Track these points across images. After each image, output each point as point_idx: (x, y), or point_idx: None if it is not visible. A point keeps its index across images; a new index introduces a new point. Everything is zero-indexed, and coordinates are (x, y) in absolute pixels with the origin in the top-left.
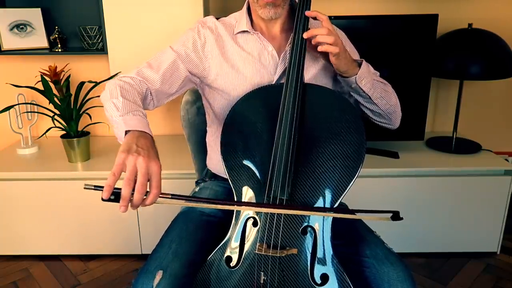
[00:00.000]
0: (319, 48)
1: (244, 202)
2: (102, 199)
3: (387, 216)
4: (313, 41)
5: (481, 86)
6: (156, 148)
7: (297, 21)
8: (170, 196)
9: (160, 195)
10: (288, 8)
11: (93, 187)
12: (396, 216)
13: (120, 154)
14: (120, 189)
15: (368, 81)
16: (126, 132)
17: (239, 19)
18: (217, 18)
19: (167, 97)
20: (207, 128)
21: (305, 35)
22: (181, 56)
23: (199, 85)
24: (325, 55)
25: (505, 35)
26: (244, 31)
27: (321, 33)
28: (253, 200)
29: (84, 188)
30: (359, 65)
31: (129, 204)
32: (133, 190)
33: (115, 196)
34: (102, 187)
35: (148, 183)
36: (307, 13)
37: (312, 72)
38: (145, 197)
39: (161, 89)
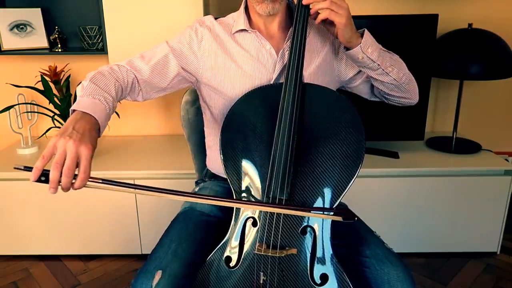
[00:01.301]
0: (318, 18)
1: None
2: (32, 181)
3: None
4: (312, 10)
5: (481, 86)
6: (97, 133)
7: (296, 16)
8: (100, 181)
9: (90, 180)
10: (286, 7)
11: (22, 168)
12: (348, 216)
13: (54, 137)
14: (49, 170)
15: (374, 49)
16: (73, 112)
17: (236, 18)
18: (216, 18)
19: (158, 90)
20: (205, 129)
21: (304, 1)
22: (175, 51)
23: (196, 85)
24: (329, 26)
25: (505, 35)
26: (242, 30)
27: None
28: (252, 200)
29: (14, 168)
30: (362, 35)
31: (60, 187)
32: None
33: (46, 178)
34: (32, 168)
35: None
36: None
37: (311, 68)
38: (74, 181)
39: (150, 80)
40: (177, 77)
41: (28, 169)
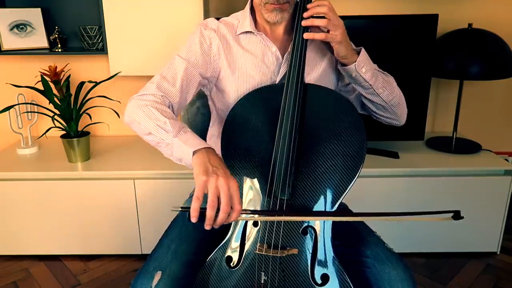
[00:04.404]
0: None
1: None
2: (190, 221)
3: (448, 216)
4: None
5: (481, 86)
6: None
7: (297, 22)
8: (249, 212)
9: (242, 211)
10: (292, 10)
11: (179, 209)
12: (457, 215)
13: (201, 176)
14: (204, 208)
15: (368, 69)
16: (193, 152)
17: (241, 19)
18: (218, 19)
19: (184, 106)
20: (209, 128)
21: (306, 36)
22: (191, 63)
23: (207, 86)
24: (327, 43)
25: (505, 35)
26: (247, 32)
27: (318, 24)
28: (253, 200)
29: (172, 210)
30: (358, 53)
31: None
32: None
33: (202, 216)
34: (188, 208)
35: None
36: (303, 23)
37: (314, 75)
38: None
39: (180, 101)
40: (198, 86)
41: (186, 209)
